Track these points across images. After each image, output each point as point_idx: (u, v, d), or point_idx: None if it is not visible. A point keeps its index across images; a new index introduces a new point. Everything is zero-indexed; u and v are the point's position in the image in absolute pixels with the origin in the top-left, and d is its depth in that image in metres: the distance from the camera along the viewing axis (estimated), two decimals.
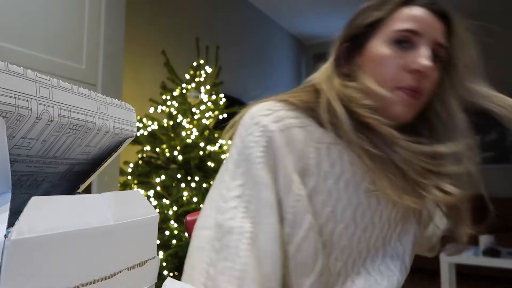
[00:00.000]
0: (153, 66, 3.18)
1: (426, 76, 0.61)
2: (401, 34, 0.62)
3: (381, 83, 0.62)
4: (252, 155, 0.58)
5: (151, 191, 2.22)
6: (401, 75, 0.61)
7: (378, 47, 0.63)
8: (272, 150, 0.58)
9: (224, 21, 4.15)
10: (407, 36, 0.62)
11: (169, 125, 2.31)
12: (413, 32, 0.61)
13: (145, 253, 0.32)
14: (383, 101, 0.62)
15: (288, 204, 0.58)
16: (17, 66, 0.24)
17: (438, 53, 0.63)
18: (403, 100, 0.61)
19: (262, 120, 0.60)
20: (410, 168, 0.60)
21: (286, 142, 0.59)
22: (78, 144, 0.31)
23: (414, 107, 0.63)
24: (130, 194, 0.32)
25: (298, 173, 0.59)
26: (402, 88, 0.61)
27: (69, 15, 1.79)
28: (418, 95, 0.62)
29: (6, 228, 0.21)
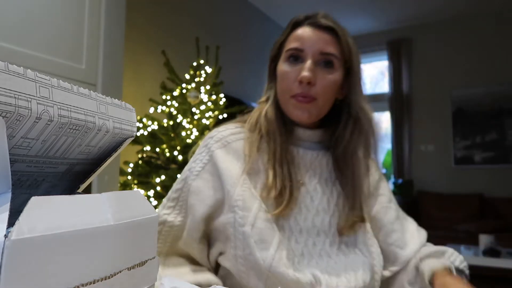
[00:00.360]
0: (153, 66, 3.18)
1: (311, 83, 0.74)
2: (290, 53, 0.78)
3: (283, 93, 0.78)
4: (193, 169, 0.77)
5: (151, 191, 2.22)
6: (294, 85, 0.76)
7: (281, 65, 0.80)
8: (214, 163, 0.76)
9: (224, 21, 4.14)
10: (294, 53, 0.77)
11: (169, 125, 2.31)
12: (298, 49, 0.77)
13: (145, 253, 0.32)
14: (286, 109, 0.79)
15: (236, 193, 0.72)
16: (17, 66, 0.24)
17: (326, 59, 0.76)
18: (295, 105, 0.76)
19: (208, 142, 0.79)
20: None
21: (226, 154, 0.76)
22: (78, 144, 0.31)
23: (309, 110, 0.77)
24: (130, 194, 0.32)
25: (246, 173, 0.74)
26: (294, 96, 0.76)
27: (69, 15, 1.79)
28: (309, 100, 0.75)
29: (6, 228, 0.21)
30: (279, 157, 0.76)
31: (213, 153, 0.77)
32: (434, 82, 5.11)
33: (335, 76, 0.77)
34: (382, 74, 5.63)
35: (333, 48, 0.76)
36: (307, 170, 0.80)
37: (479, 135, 4.83)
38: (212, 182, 0.75)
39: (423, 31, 5.20)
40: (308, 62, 0.75)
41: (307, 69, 0.74)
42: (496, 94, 4.73)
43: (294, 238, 0.73)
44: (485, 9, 4.76)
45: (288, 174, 0.75)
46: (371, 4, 4.63)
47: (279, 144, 0.77)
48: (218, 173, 0.75)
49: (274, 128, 0.78)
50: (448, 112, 5.00)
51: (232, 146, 0.78)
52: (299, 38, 0.77)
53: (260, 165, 0.77)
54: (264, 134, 0.78)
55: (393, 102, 5.30)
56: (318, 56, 0.76)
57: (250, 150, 0.77)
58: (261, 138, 0.79)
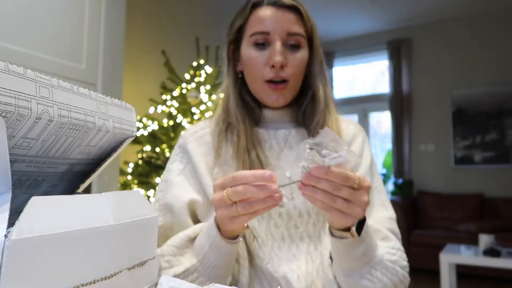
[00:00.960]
0: (153, 66, 3.18)
1: (283, 66, 0.72)
2: (255, 38, 0.74)
3: (254, 80, 0.76)
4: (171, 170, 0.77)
5: (151, 191, 2.22)
6: (265, 70, 0.74)
7: (245, 51, 0.76)
8: (191, 163, 0.76)
9: (224, 21, 4.14)
10: (260, 37, 0.74)
11: (169, 125, 2.31)
12: (264, 33, 0.73)
13: (145, 253, 0.32)
14: (258, 95, 0.77)
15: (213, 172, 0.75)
16: (17, 66, 0.24)
17: (294, 41, 0.74)
18: (269, 92, 0.75)
19: (181, 142, 0.80)
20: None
21: (199, 147, 0.77)
22: (78, 144, 0.31)
23: (284, 95, 0.75)
24: (130, 194, 0.32)
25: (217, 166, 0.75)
26: (266, 81, 0.74)
27: (69, 15, 1.79)
28: (283, 85, 0.74)
29: (6, 228, 0.21)
30: (244, 145, 0.74)
31: (187, 147, 0.77)
32: (434, 82, 5.11)
33: (303, 55, 0.76)
34: (382, 74, 5.63)
35: (299, 27, 0.74)
36: (282, 149, 0.77)
37: (479, 135, 4.83)
38: (193, 184, 0.75)
39: (423, 31, 5.20)
40: (278, 45, 0.72)
41: (278, 53, 0.71)
42: (496, 94, 4.73)
43: (273, 222, 0.72)
44: (485, 9, 4.76)
45: (257, 159, 0.73)
46: (371, 4, 4.63)
47: (243, 131, 0.75)
48: (196, 174, 0.75)
49: (237, 116, 0.76)
50: (448, 112, 5.00)
51: (204, 139, 0.79)
52: (263, 20, 0.73)
53: (228, 155, 0.76)
54: (228, 123, 0.77)
55: (393, 102, 5.30)
56: (286, 37, 0.73)
57: (217, 142, 0.76)
58: (227, 128, 0.77)
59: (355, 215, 0.54)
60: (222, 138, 0.77)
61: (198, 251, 0.63)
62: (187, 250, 0.66)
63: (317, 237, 0.73)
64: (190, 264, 0.63)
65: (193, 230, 0.68)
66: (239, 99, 0.79)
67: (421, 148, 5.11)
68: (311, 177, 0.50)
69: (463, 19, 4.95)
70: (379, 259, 0.63)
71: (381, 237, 0.69)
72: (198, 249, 0.63)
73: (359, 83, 5.68)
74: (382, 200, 0.78)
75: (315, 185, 0.50)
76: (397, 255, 0.67)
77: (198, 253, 0.63)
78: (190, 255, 0.65)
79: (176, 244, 0.66)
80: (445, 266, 2.74)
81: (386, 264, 0.64)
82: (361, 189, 0.52)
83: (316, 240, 0.73)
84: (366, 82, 5.75)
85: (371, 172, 0.79)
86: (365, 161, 0.80)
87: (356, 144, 0.81)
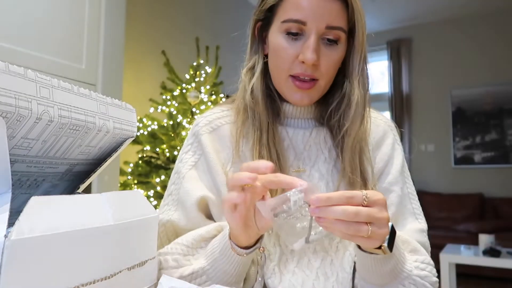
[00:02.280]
0: (153, 66, 3.18)
1: (315, 65, 0.64)
2: (288, 26, 0.64)
3: (279, 72, 0.67)
4: (185, 160, 0.72)
5: (151, 191, 2.22)
6: (294, 64, 0.65)
7: (275, 36, 0.67)
8: (205, 156, 0.70)
9: (224, 21, 4.14)
10: (294, 26, 0.64)
11: (169, 125, 2.31)
12: (299, 21, 0.63)
13: (145, 253, 0.32)
14: (280, 88, 0.69)
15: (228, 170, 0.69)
16: (17, 66, 0.24)
17: (333, 35, 0.64)
18: (294, 89, 0.66)
19: (196, 130, 0.73)
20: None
21: (214, 141, 0.71)
22: (78, 145, 0.31)
23: (310, 95, 0.67)
24: (130, 194, 0.32)
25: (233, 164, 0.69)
26: (293, 76, 0.65)
27: (69, 15, 1.79)
28: (311, 84, 0.65)
29: (6, 228, 0.21)
30: (265, 142, 0.67)
31: (201, 138, 0.71)
32: (434, 82, 5.11)
33: (340, 52, 0.66)
34: (382, 74, 5.62)
35: (341, 20, 0.64)
36: (301, 152, 0.71)
37: (479, 135, 4.83)
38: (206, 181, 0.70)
39: (423, 31, 5.20)
40: (312, 40, 0.62)
41: (312, 50, 0.62)
42: (496, 94, 4.73)
43: None
44: (485, 9, 4.76)
45: (277, 160, 0.67)
46: (371, 4, 4.63)
47: (265, 126, 0.68)
48: (210, 170, 0.70)
49: (260, 109, 0.68)
50: (448, 112, 5.00)
51: (220, 132, 0.72)
52: (300, 6, 0.63)
53: (246, 151, 0.69)
54: (250, 115, 0.70)
55: (393, 102, 5.30)
56: (324, 30, 0.63)
57: (236, 136, 0.70)
58: (246, 119, 0.70)
59: (380, 237, 0.49)
60: (240, 132, 0.70)
61: (209, 254, 0.60)
62: (199, 251, 0.62)
63: (335, 251, 0.66)
64: (199, 266, 0.59)
65: (207, 230, 0.63)
66: (266, 88, 0.70)
67: (421, 148, 5.11)
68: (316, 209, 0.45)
69: (463, 19, 4.95)
70: (407, 273, 0.58)
71: (409, 249, 0.63)
72: (210, 252, 0.60)
73: None
74: (414, 209, 0.72)
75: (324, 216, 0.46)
76: (426, 270, 0.61)
77: (209, 256, 0.59)
78: (201, 256, 0.61)
79: (187, 243, 0.62)
80: (445, 265, 2.74)
81: (415, 280, 0.59)
82: (376, 206, 0.48)
83: (333, 255, 0.66)
84: None
85: (402, 177, 0.72)
86: (396, 165, 0.72)
87: (385, 148, 0.73)
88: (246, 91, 0.70)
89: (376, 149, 0.73)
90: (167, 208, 0.71)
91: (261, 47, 0.73)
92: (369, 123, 0.71)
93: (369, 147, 0.72)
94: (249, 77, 0.71)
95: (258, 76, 0.70)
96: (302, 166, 0.70)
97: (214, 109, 0.76)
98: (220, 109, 0.75)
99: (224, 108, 0.75)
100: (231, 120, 0.73)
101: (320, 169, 0.70)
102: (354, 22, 0.66)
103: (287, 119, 0.73)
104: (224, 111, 0.75)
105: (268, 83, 0.71)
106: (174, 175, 0.73)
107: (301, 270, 0.65)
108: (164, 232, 0.70)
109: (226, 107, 0.75)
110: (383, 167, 0.72)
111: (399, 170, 0.72)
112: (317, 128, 0.72)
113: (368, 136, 0.71)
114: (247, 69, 0.73)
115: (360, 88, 0.68)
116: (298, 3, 0.63)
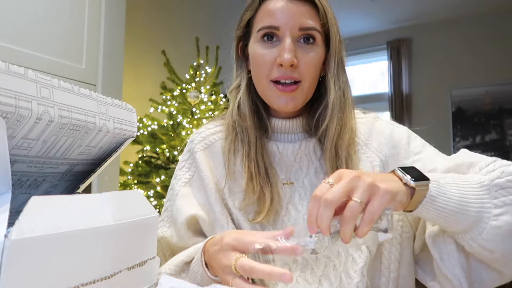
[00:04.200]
0: (153, 66, 3.18)
1: (294, 65, 0.64)
2: (263, 32, 0.66)
3: (260, 79, 0.68)
4: (179, 177, 0.74)
5: (151, 191, 2.22)
6: (273, 69, 0.66)
7: (252, 47, 0.69)
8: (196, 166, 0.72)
9: (224, 21, 4.14)
10: (268, 32, 0.66)
11: (169, 125, 2.31)
12: (272, 27, 0.65)
13: (145, 253, 0.32)
14: (265, 97, 0.69)
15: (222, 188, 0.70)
16: (18, 66, 0.24)
17: (308, 36, 0.66)
18: (277, 94, 0.66)
19: (191, 147, 0.75)
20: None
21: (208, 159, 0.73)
22: (78, 145, 0.31)
23: (294, 98, 0.67)
24: (130, 194, 0.32)
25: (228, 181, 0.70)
26: (274, 81, 0.66)
27: (69, 15, 1.79)
28: (293, 87, 0.65)
29: (6, 228, 0.21)
30: (253, 156, 0.67)
31: (196, 156, 0.73)
32: (434, 82, 5.11)
33: (318, 52, 0.67)
34: (382, 74, 5.63)
35: (313, 20, 0.66)
36: (291, 165, 0.70)
37: (479, 135, 4.83)
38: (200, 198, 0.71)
39: (423, 31, 5.20)
40: (287, 42, 0.64)
41: (288, 50, 0.63)
42: (496, 94, 4.73)
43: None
44: (485, 9, 4.76)
45: (265, 175, 0.67)
46: (371, 4, 4.63)
47: (253, 140, 0.69)
48: (204, 187, 0.70)
49: (248, 124, 0.69)
50: (448, 112, 5.00)
51: (214, 149, 0.73)
52: (272, 13, 0.65)
53: (239, 166, 0.70)
54: (238, 131, 0.70)
55: (393, 102, 5.30)
56: (297, 32, 0.65)
57: (227, 153, 0.71)
58: (236, 136, 0.71)
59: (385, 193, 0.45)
60: (231, 150, 0.71)
61: (192, 278, 0.59)
62: (182, 275, 0.62)
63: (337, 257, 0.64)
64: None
65: (188, 254, 0.63)
66: (252, 103, 0.71)
67: None
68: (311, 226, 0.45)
69: (463, 19, 4.95)
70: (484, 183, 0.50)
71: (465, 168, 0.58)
72: (193, 277, 0.60)
73: (359, 83, 5.68)
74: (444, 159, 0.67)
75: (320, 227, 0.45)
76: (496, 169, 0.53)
77: (193, 280, 0.59)
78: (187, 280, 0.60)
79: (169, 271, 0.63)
80: None
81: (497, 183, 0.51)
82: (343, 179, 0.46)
83: (335, 260, 0.63)
84: (365, 82, 5.75)
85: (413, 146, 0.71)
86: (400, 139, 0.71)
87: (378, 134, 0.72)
88: (233, 108, 0.72)
89: (368, 142, 0.72)
90: (162, 224, 0.73)
91: (245, 63, 0.74)
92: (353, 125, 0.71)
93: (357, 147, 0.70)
94: (235, 94, 0.73)
95: (244, 90, 0.71)
96: (294, 178, 0.70)
97: (208, 124, 0.78)
98: (214, 124, 0.77)
99: (217, 123, 0.77)
100: (223, 136, 0.74)
101: (311, 180, 0.69)
102: (328, 26, 0.67)
103: (276, 134, 0.73)
104: (217, 126, 0.76)
105: (255, 99, 0.72)
106: (169, 191, 0.75)
107: (304, 279, 0.64)
108: (160, 248, 0.72)
109: (220, 122, 0.77)
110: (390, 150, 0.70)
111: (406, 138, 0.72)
112: (306, 140, 0.72)
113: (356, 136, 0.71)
114: (233, 87, 0.75)
115: (336, 89, 0.68)
116: (269, 10, 0.66)
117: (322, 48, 0.69)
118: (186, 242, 0.69)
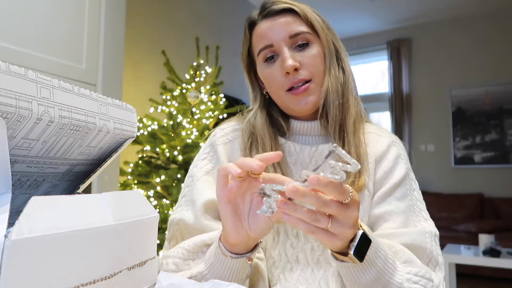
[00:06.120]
0: (153, 66, 3.18)
1: (297, 69, 0.70)
2: (263, 54, 0.73)
3: (277, 94, 0.74)
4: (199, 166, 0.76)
5: (151, 191, 2.22)
6: (283, 79, 0.71)
7: (261, 69, 0.76)
8: (217, 159, 0.75)
9: (224, 21, 4.14)
10: (267, 52, 0.73)
11: (169, 125, 2.31)
12: (268, 46, 0.72)
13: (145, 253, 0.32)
14: (285, 107, 0.74)
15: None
16: (18, 66, 0.24)
17: (300, 40, 0.72)
18: (294, 98, 0.71)
19: (213, 140, 0.78)
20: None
21: (228, 154, 0.76)
22: (78, 145, 0.31)
23: (309, 97, 0.71)
24: (130, 194, 0.32)
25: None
26: (288, 90, 0.72)
27: (69, 15, 1.79)
28: (304, 88, 0.71)
29: (6, 228, 0.21)
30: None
31: (218, 148, 0.76)
32: (434, 82, 5.11)
33: (315, 50, 0.72)
34: (382, 74, 5.63)
35: (298, 25, 0.72)
36: (307, 167, 0.74)
37: (479, 135, 4.83)
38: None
39: (423, 31, 5.20)
40: (285, 51, 0.70)
41: (287, 58, 0.69)
42: (496, 94, 4.73)
43: (290, 242, 0.70)
44: (485, 9, 4.76)
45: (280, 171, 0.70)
46: (371, 4, 4.63)
47: (268, 145, 0.73)
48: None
49: (262, 132, 0.74)
50: (448, 112, 5.00)
51: (234, 145, 0.77)
52: (262, 35, 0.73)
53: None
54: (253, 138, 0.75)
55: (393, 102, 5.30)
56: (289, 40, 0.71)
57: (244, 150, 0.75)
58: (252, 142, 0.75)
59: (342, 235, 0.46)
60: (248, 147, 0.75)
61: (207, 258, 0.60)
62: (200, 255, 0.63)
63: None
64: (198, 271, 0.59)
65: (210, 236, 0.64)
66: (267, 115, 0.77)
67: (421, 148, 5.11)
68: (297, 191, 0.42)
69: (463, 19, 4.95)
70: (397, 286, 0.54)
71: (403, 260, 0.59)
72: (208, 257, 0.60)
73: (359, 83, 5.69)
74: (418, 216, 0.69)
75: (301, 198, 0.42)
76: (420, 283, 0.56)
77: (207, 261, 0.60)
78: (201, 261, 0.62)
79: (188, 248, 0.64)
80: (445, 266, 2.74)
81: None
82: (351, 204, 0.45)
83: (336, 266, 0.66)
84: (366, 82, 5.75)
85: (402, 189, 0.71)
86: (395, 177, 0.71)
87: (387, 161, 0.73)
88: (249, 120, 0.77)
89: (379, 162, 0.74)
90: (180, 208, 0.75)
91: (258, 86, 0.82)
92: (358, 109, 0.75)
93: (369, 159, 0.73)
94: (252, 113, 0.79)
95: (257, 109, 0.78)
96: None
97: (231, 121, 0.82)
98: (236, 122, 0.81)
99: (239, 122, 0.81)
100: (240, 134, 0.78)
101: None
102: (312, 24, 0.73)
103: (295, 135, 0.77)
104: (239, 124, 0.80)
105: (271, 110, 0.78)
106: (188, 178, 0.77)
107: (305, 279, 0.67)
108: (179, 231, 0.72)
109: (241, 120, 0.81)
110: (383, 179, 0.72)
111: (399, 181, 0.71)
112: (323, 144, 0.75)
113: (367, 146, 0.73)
114: (250, 108, 0.81)
115: (331, 78, 0.73)
116: (260, 34, 0.74)
117: (320, 45, 0.73)
118: (202, 223, 0.69)
